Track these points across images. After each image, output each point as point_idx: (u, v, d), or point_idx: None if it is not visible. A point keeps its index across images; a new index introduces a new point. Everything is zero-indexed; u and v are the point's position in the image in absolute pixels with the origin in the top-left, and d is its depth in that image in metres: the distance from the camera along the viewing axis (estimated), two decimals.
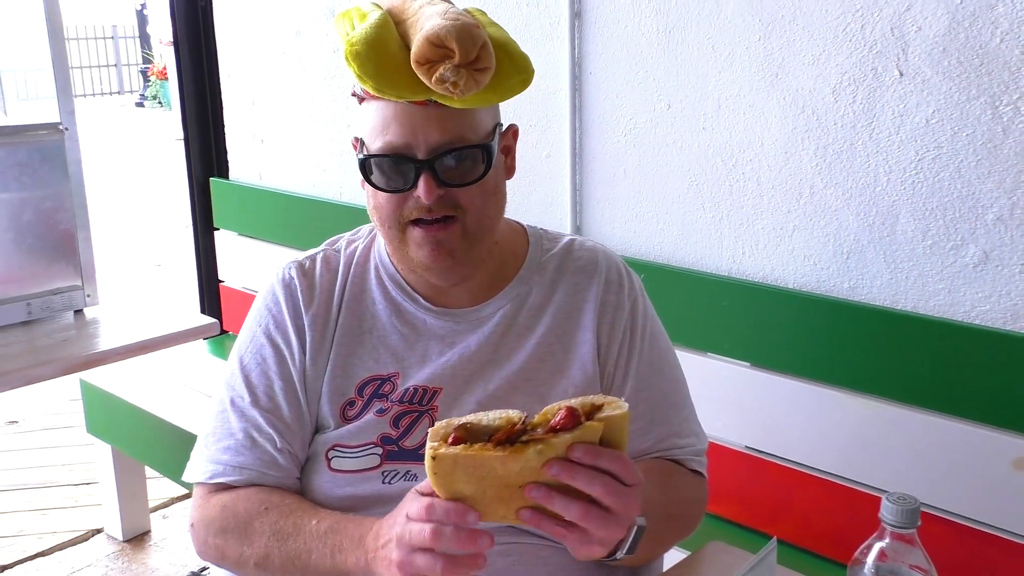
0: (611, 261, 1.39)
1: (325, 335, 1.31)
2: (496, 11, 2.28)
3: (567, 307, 1.34)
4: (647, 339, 1.36)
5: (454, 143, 1.18)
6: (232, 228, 3.20)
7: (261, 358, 1.31)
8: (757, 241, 1.93)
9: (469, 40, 1.11)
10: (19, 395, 3.83)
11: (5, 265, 2.29)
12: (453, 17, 1.13)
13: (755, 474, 1.96)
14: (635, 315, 1.35)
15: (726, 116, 1.93)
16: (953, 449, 1.67)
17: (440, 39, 1.10)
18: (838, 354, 1.81)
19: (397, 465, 1.26)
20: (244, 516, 1.24)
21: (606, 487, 0.97)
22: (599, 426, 0.97)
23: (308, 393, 1.30)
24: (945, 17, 1.60)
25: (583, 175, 2.21)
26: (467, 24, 1.12)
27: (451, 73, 1.10)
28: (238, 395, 1.31)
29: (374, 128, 1.20)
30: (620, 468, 0.98)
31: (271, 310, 1.33)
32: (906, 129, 1.68)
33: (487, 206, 1.24)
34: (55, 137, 2.32)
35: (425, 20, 1.14)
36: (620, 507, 0.98)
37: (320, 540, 1.17)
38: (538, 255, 1.37)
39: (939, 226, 1.68)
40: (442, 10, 1.16)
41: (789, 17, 1.79)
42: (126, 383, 2.80)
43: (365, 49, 1.14)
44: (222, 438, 1.30)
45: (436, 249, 1.22)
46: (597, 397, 1.00)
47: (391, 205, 1.22)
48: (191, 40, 3.23)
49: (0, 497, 3.33)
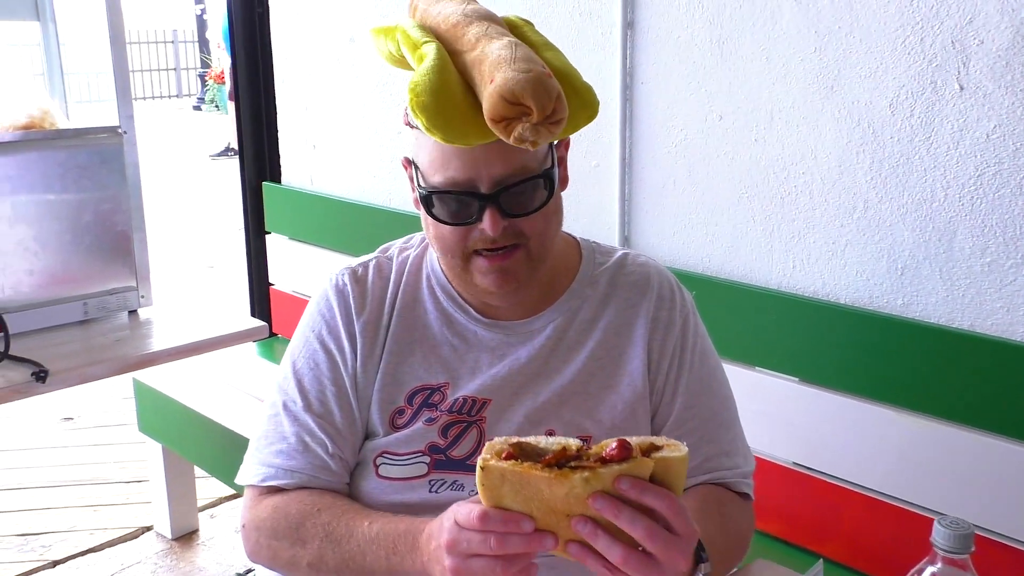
0: (663, 277, 1.38)
1: (376, 342, 1.32)
2: (548, 20, 2.28)
3: (618, 322, 1.33)
4: (697, 356, 1.35)
5: (518, 175, 1.17)
6: (283, 232, 3.24)
7: (314, 363, 1.32)
8: (808, 255, 1.91)
9: (545, 95, 1.07)
10: (74, 392, 3.90)
11: (63, 265, 2.34)
12: (524, 67, 1.08)
13: (802, 491, 1.93)
14: (686, 332, 1.34)
15: (779, 128, 1.91)
16: (1008, 471, 1.63)
17: (516, 96, 1.06)
18: (890, 371, 1.78)
19: (445, 475, 1.27)
20: (296, 518, 1.24)
21: (649, 531, 0.92)
22: (650, 463, 0.93)
23: (359, 400, 1.31)
24: (1009, 31, 1.56)
25: (632, 185, 2.20)
26: (540, 76, 1.08)
27: (530, 132, 1.07)
28: (291, 399, 1.32)
29: (433, 161, 1.18)
30: (667, 508, 0.93)
31: (324, 316, 1.34)
32: (966, 144, 1.65)
33: (549, 229, 1.24)
34: (114, 140, 2.37)
35: (493, 68, 1.10)
36: (664, 556, 0.93)
37: (373, 542, 1.17)
38: (591, 269, 1.37)
39: (999, 243, 1.64)
40: (508, 54, 1.11)
41: (846, 29, 1.77)
42: (177, 383, 2.85)
43: (431, 100, 1.10)
44: (274, 441, 1.31)
45: (502, 277, 1.22)
46: (658, 439, 0.96)
47: (455, 237, 1.21)
48: (248, 45, 3.28)
49: (54, 492, 3.41)
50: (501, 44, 1.13)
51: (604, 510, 0.92)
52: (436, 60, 1.13)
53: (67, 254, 2.34)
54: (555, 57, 1.20)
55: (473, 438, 1.27)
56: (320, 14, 2.99)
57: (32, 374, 2.01)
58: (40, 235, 2.30)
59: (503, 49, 1.11)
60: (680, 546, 0.94)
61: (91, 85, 2.65)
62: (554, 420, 1.28)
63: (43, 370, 2.01)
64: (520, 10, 2.32)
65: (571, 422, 1.28)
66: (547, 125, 1.08)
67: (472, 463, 1.22)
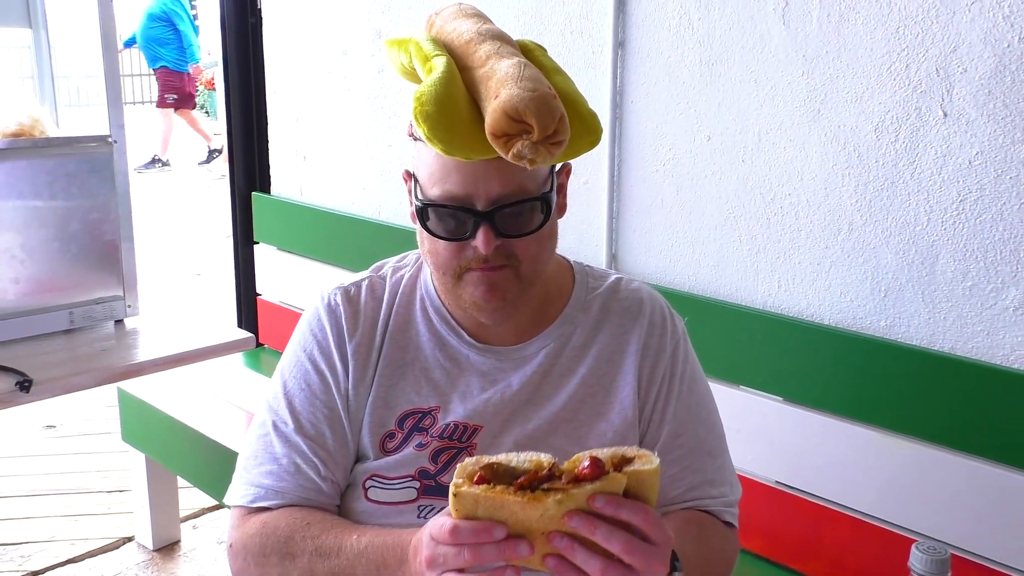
0: (656, 303, 1.38)
1: (368, 364, 1.31)
2: (540, 39, 2.28)
3: (610, 349, 1.33)
4: (686, 384, 1.35)
5: (515, 195, 1.17)
6: (272, 242, 3.24)
7: (305, 384, 1.32)
8: (794, 275, 1.93)
9: (548, 115, 1.07)
10: (57, 400, 3.87)
11: (50, 274, 2.34)
12: (530, 87, 1.09)
13: (785, 510, 1.94)
14: (676, 359, 1.34)
15: (766, 149, 1.93)
16: (989, 493, 1.65)
17: (519, 113, 1.07)
18: (873, 392, 1.80)
19: (434, 500, 1.27)
20: (285, 532, 1.24)
21: (626, 544, 0.94)
22: (623, 478, 0.95)
23: (351, 422, 1.30)
24: (991, 60, 1.59)
25: (620, 203, 2.22)
26: (545, 96, 1.09)
27: (528, 150, 1.08)
28: (281, 420, 1.31)
29: (433, 175, 1.18)
30: (643, 521, 0.95)
31: (316, 335, 1.33)
32: (949, 169, 1.67)
33: (541, 253, 1.24)
34: (104, 149, 2.37)
35: (499, 84, 1.11)
36: (642, 565, 0.95)
37: (363, 555, 1.17)
38: (583, 294, 1.37)
39: (979, 268, 1.66)
40: (515, 72, 1.12)
41: (833, 54, 1.79)
42: (162, 393, 2.84)
43: (436, 110, 1.11)
44: (264, 462, 1.30)
45: (490, 290, 1.21)
46: (629, 449, 0.97)
47: (448, 253, 1.21)
48: (240, 56, 3.29)
49: (34, 502, 3.38)
50: (510, 63, 1.14)
51: (580, 528, 0.94)
52: (444, 73, 1.14)
53: (54, 262, 2.34)
54: (563, 82, 1.20)
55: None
56: (313, 26, 3.00)
57: (16, 383, 2.01)
58: (27, 243, 2.29)
59: (511, 67, 1.12)
60: (658, 554, 0.96)
61: (80, 90, 2.65)
62: (544, 447, 1.26)
63: (27, 379, 2.01)
64: (513, 27, 2.34)
65: (560, 449, 1.27)
66: (547, 145, 1.09)
67: None
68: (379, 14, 2.74)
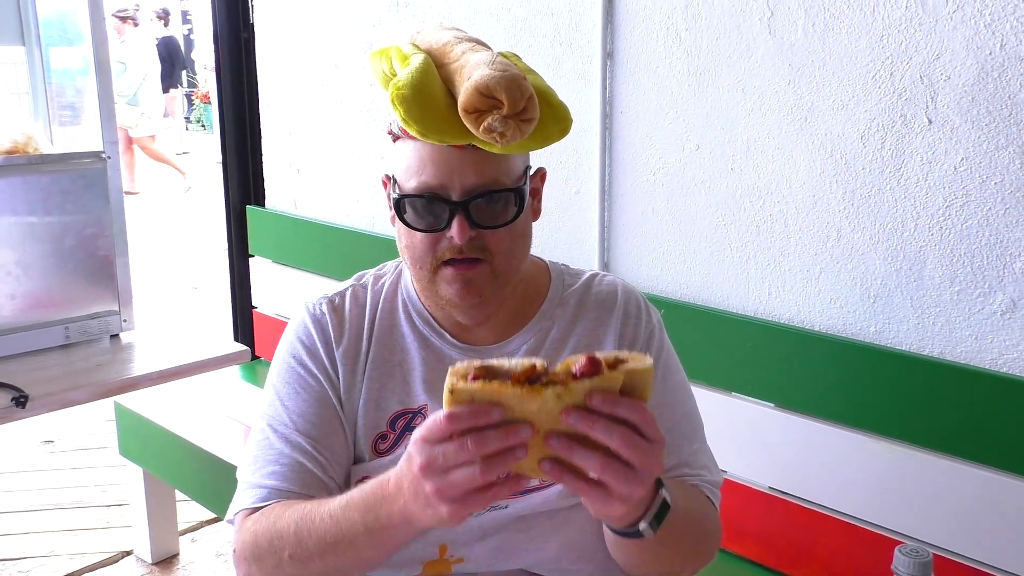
0: (630, 295, 1.40)
1: (356, 370, 1.33)
2: (530, 50, 2.32)
3: (587, 340, 1.35)
4: (660, 371, 1.35)
5: (489, 186, 1.20)
6: (267, 255, 3.25)
7: (300, 388, 1.33)
8: (784, 282, 1.94)
9: (517, 91, 1.13)
10: (55, 415, 3.88)
11: (46, 289, 2.35)
12: (501, 68, 1.16)
13: (778, 515, 1.95)
14: (650, 347, 1.36)
15: (755, 158, 1.94)
16: (979, 497, 1.66)
17: (490, 89, 1.13)
18: (864, 398, 1.81)
19: None
20: (278, 510, 1.24)
21: (624, 439, 0.93)
22: (619, 376, 0.94)
23: (346, 425, 1.32)
24: (974, 67, 1.60)
25: (611, 212, 2.23)
26: (515, 75, 1.15)
27: (499, 123, 1.13)
28: (280, 423, 1.31)
29: (409, 167, 1.22)
30: (640, 418, 0.95)
31: (304, 343, 1.35)
32: (934, 176, 1.69)
33: (515, 248, 1.26)
34: (98, 165, 2.38)
35: (472, 68, 1.17)
36: (640, 461, 0.94)
37: (345, 509, 1.14)
38: (560, 291, 1.39)
39: (967, 273, 1.67)
40: (487, 59, 1.18)
41: (819, 62, 1.81)
42: (159, 407, 2.85)
43: (412, 93, 1.17)
44: (266, 464, 1.29)
45: (465, 287, 1.23)
46: (622, 352, 0.97)
47: (424, 246, 1.23)
48: (233, 69, 3.31)
49: (33, 517, 3.39)
50: (485, 53, 1.21)
51: (578, 423, 0.92)
52: (421, 63, 1.20)
53: (49, 278, 2.35)
54: (535, 79, 1.25)
55: None
56: (305, 40, 3.02)
57: (12, 399, 2.02)
58: (22, 259, 2.31)
59: (485, 56, 1.19)
60: (655, 451, 0.96)
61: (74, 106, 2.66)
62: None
63: (23, 395, 2.02)
64: (502, 39, 2.36)
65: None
66: (517, 121, 1.14)
67: None
68: (370, 27, 2.75)
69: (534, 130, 1.18)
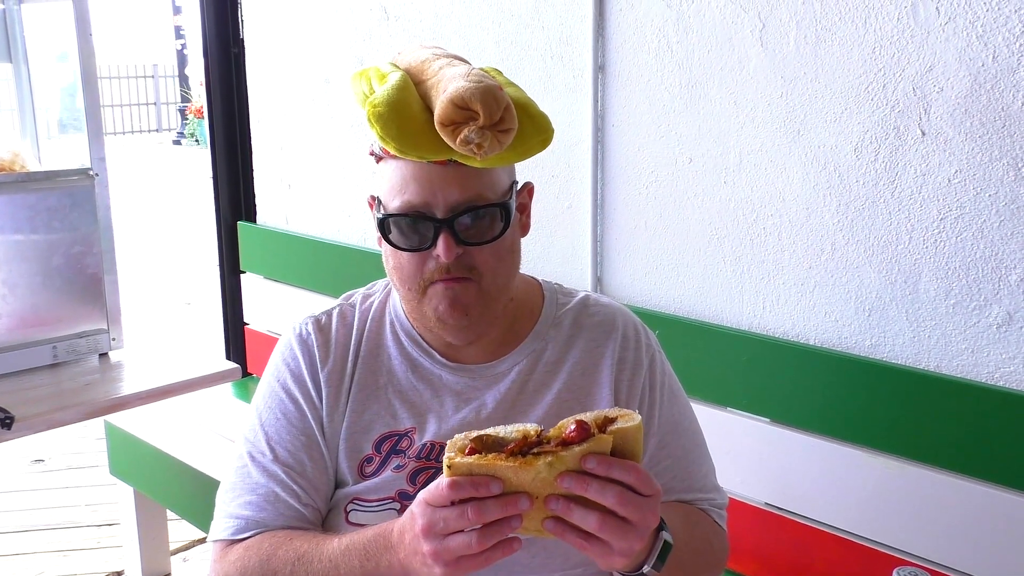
0: (627, 318, 1.39)
1: (341, 391, 1.32)
2: (521, 64, 2.30)
3: (584, 363, 1.33)
4: (667, 395, 1.36)
5: (473, 202, 1.19)
6: (258, 271, 3.23)
7: (280, 414, 1.31)
8: (778, 296, 1.92)
9: (493, 102, 1.12)
10: (46, 433, 3.86)
11: (33, 308, 2.33)
12: (476, 79, 1.14)
13: (774, 531, 1.93)
14: (654, 371, 1.35)
15: (747, 171, 1.93)
16: (975, 511, 1.64)
17: (465, 101, 1.11)
18: (859, 412, 1.79)
19: None
20: (268, 550, 1.23)
21: (619, 497, 0.97)
22: (609, 438, 0.98)
23: (328, 449, 1.30)
24: (967, 79, 1.59)
25: (604, 227, 2.22)
26: (491, 86, 1.13)
27: (475, 135, 1.11)
28: (259, 451, 1.30)
29: (392, 187, 1.21)
30: (634, 478, 0.98)
31: (289, 365, 1.34)
32: (928, 188, 1.67)
33: (502, 266, 1.24)
34: (86, 183, 2.36)
35: (448, 82, 1.16)
36: (636, 517, 0.98)
37: (345, 554, 1.16)
38: (553, 310, 1.38)
39: (962, 286, 1.66)
40: (464, 71, 1.17)
41: (811, 75, 1.80)
42: (149, 426, 2.82)
43: (387, 111, 1.15)
44: (243, 493, 1.29)
45: (452, 305, 1.22)
46: (611, 411, 1.01)
47: (412, 266, 1.22)
48: (223, 85, 3.29)
49: (23, 538, 3.35)
50: (462, 67, 1.20)
51: (573, 487, 0.96)
52: (399, 80, 1.19)
53: (36, 297, 2.33)
54: (514, 91, 1.23)
55: None
56: (295, 55, 3.01)
57: None
58: (9, 278, 2.28)
59: (461, 68, 1.18)
60: (651, 506, 0.99)
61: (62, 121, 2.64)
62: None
63: (9, 416, 1.99)
64: (493, 53, 2.35)
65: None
66: (494, 132, 1.13)
67: None
68: (360, 42, 2.74)
69: (514, 142, 1.17)
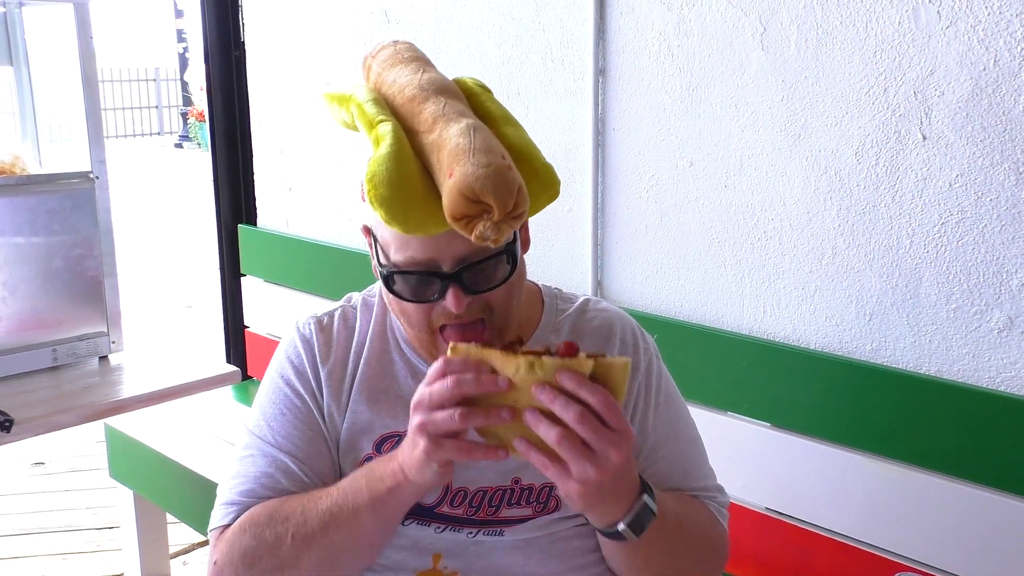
0: (625, 323, 1.39)
1: (341, 391, 1.32)
2: (521, 68, 2.30)
3: None
4: (663, 399, 1.36)
5: (479, 254, 1.15)
6: (259, 274, 3.23)
7: (286, 408, 1.31)
8: (779, 300, 1.92)
9: (506, 191, 1.05)
10: (47, 436, 3.86)
11: (33, 311, 2.32)
12: (484, 161, 1.05)
13: (775, 536, 1.92)
14: (650, 375, 1.35)
15: (748, 175, 1.92)
16: (976, 516, 1.63)
17: (476, 194, 1.04)
18: (861, 417, 1.78)
19: (416, 519, 1.27)
20: (273, 504, 1.23)
21: (580, 417, 0.99)
22: (590, 363, 1.01)
23: (330, 444, 1.31)
24: (968, 83, 1.59)
25: (605, 231, 2.21)
26: (500, 170, 1.06)
27: (491, 231, 1.06)
28: (264, 441, 1.30)
29: (394, 240, 1.17)
30: (601, 402, 0.99)
31: (292, 362, 1.34)
32: (929, 192, 1.67)
33: (513, 299, 1.23)
34: (86, 186, 2.36)
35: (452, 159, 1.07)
36: (595, 443, 0.99)
37: (352, 479, 1.20)
38: (553, 316, 1.38)
39: (963, 290, 1.65)
40: (466, 143, 1.08)
41: (812, 78, 1.79)
42: (150, 429, 2.81)
43: (390, 193, 1.08)
44: (246, 481, 1.28)
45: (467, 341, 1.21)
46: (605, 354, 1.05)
47: (420, 314, 1.20)
48: (224, 88, 3.29)
49: (23, 541, 3.35)
50: (459, 129, 1.10)
51: (541, 396, 0.99)
52: (393, 146, 1.11)
53: (37, 300, 2.33)
54: (514, 133, 1.18)
55: (439, 488, 1.27)
56: (296, 58, 3.01)
57: None
58: (9, 280, 2.28)
59: (461, 137, 1.09)
60: (612, 439, 1.01)
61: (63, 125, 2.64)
62: (522, 470, 1.28)
63: (8, 419, 1.99)
64: (494, 56, 2.34)
65: (538, 472, 1.28)
66: (509, 220, 1.07)
67: (440, 511, 1.27)
68: (361, 45, 2.74)
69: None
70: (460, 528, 1.28)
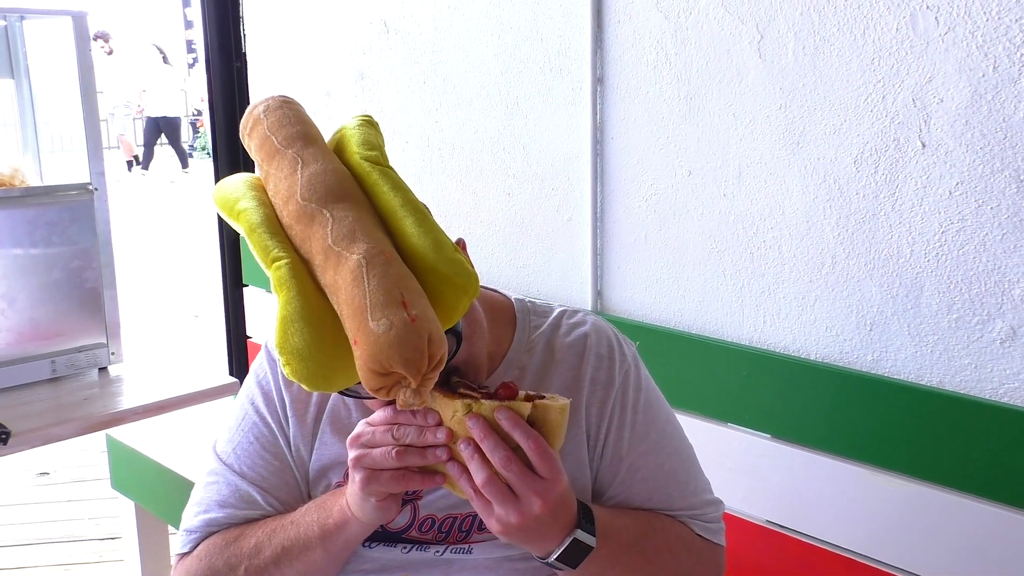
0: (600, 334, 1.33)
1: (307, 418, 1.29)
2: (519, 77, 2.29)
3: (558, 389, 1.29)
4: (640, 415, 1.31)
5: None
6: (260, 285, 3.22)
7: (253, 437, 1.30)
8: (779, 310, 1.90)
9: (414, 354, 0.93)
10: (51, 446, 3.86)
11: (32, 323, 2.32)
12: (383, 322, 0.93)
13: (776, 549, 1.90)
14: (626, 388, 1.31)
15: (747, 183, 1.91)
16: (977, 530, 1.61)
17: (384, 367, 0.94)
18: (861, 428, 1.76)
19: (385, 545, 1.26)
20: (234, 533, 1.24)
21: (505, 460, 0.98)
22: (527, 406, 1.01)
23: (296, 473, 1.29)
24: (967, 89, 1.57)
25: (604, 240, 2.20)
26: (403, 331, 0.93)
27: (413, 397, 0.96)
28: (230, 469, 1.29)
29: None
30: (532, 447, 0.99)
31: (261, 385, 1.32)
32: (929, 200, 1.65)
33: (475, 349, 1.19)
34: (85, 198, 2.35)
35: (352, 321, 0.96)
36: (520, 489, 0.99)
37: (305, 512, 1.21)
38: (526, 334, 1.33)
39: (964, 300, 1.63)
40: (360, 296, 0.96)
41: (810, 86, 1.78)
42: (151, 440, 2.81)
43: (304, 368, 0.98)
44: (209, 509, 1.28)
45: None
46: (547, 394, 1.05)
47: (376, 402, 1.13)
48: (226, 99, 3.29)
49: (26, 551, 3.35)
50: (351, 269, 0.98)
51: (474, 430, 0.99)
52: (297, 299, 1.01)
53: (35, 311, 2.32)
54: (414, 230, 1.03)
55: (408, 512, 1.25)
56: (297, 69, 3.01)
57: None
58: (8, 292, 2.27)
59: (355, 286, 0.97)
60: (538, 487, 1.00)
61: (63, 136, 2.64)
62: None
63: (5, 431, 1.98)
64: (492, 66, 2.33)
65: None
66: (428, 378, 0.97)
67: (408, 536, 1.25)
68: (361, 55, 2.74)
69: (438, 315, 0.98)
70: (427, 547, 1.26)
